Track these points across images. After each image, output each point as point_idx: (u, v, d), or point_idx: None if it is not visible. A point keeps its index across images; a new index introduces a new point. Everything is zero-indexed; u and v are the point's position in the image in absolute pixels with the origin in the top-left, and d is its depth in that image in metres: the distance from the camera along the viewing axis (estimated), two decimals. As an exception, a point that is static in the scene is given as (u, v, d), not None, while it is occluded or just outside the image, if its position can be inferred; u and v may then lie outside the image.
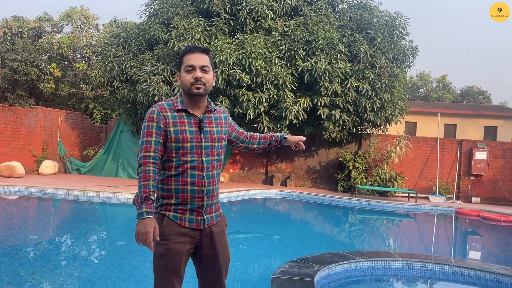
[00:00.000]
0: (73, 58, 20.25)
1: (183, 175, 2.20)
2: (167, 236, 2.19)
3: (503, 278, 4.83)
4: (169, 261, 2.19)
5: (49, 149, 14.67)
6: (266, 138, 2.72)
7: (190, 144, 2.21)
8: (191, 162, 2.20)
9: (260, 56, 11.53)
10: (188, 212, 2.22)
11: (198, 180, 2.21)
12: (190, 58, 2.25)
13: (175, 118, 2.22)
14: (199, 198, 2.22)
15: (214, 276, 2.32)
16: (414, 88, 32.31)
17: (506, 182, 14.37)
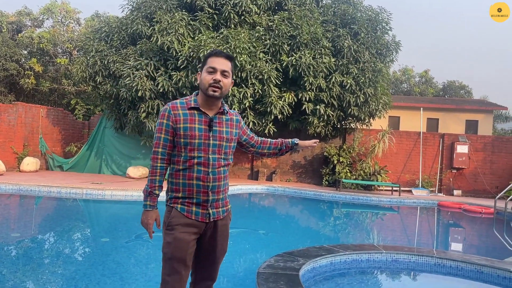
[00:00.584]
0: (54, 53, 19.88)
1: (189, 170, 2.34)
2: (174, 226, 2.34)
3: (484, 268, 4.94)
4: (175, 249, 2.32)
5: (30, 145, 14.41)
6: (277, 144, 2.84)
7: (198, 141, 2.33)
8: (198, 158, 2.33)
9: (244, 51, 11.49)
10: (194, 206, 2.36)
11: (204, 176, 2.34)
12: (214, 61, 2.38)
13: (186, 116, 2.36)
14: (204, 193, 2.35)
15: (209, 264, 2.47)
16: (397, 83, 32.63)
17: (486, 175, 14.66)
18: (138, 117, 12.37)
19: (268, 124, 12.49)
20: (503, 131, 29.09)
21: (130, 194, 10.12)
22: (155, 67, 11.98)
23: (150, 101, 11.97)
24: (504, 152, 14.72)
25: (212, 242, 2.44)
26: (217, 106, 2.44)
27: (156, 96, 12.04)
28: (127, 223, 8.18)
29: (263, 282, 3.82)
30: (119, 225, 7.89)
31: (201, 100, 2.41)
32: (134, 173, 13.41)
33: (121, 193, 10.08)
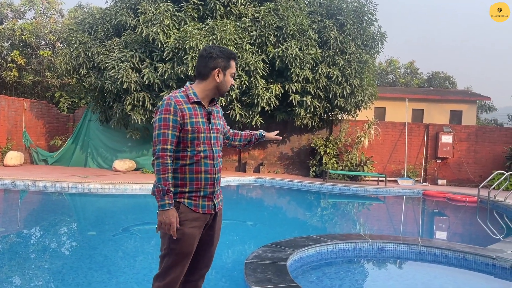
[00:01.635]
0: (37, 45, 19.49)
1: (197, 164, 2.36)
2: (182, 221, 2.34)
3: (467, 256, 5.04)
4: (184, 245, 2.35)
5: (13, 139, 14.18)
6: (247, 136, 2.92)
7: (203, 135, 2.37)
8: (204, 151, 2.37)
9: (230, 42, 11.43)
10: (201, 199, 2.39)
11: (210, 169, 2.39)
12: (234, 65, 2.50)
13: (191, 110, 2.36)
14: (211, 185, 2.41)
15: (207, 253, 2.53)
16: (383, 74, 32.85)
17: (470, 164, 14.90)
18: (123, 109, 12.25)
19: (255, 116, 12.49)
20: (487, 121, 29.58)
21: (117, 187, 10.05)
22: (140, 59, 11.85)
23: (135, 94, 11.85)
24: (487, 142, 14.97)
25: (211, 231, 2.50)
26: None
27: (141, 88, 11.93)
28: (114, 216, 8.14)
29: (251, 273, 3.85)
30: (105, 218, 7.84)
31: (202, 94, 2.44)
32: (121, 166, 13.31)
33: (108, 186, 10.01)
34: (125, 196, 10.02)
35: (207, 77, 2.45)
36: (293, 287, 3.56)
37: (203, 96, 2.44)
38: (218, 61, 2.45)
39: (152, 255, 5.12)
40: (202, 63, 2.46)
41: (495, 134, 15.08)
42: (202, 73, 2.45)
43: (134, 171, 13.53)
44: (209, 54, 2.45)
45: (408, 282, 4.73)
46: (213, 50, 2.46)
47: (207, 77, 2.45)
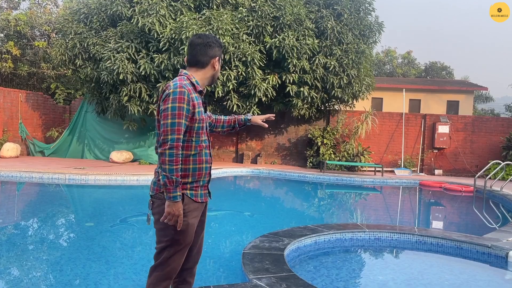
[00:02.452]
0: (32, 35, 19.33)
1: (200, 154, 2.35)
2: (187, 212, 2.33)
3: (463, 245, 5.08)
4: (188, 235, 2.36)
5: (10, 131, 14.12)
6: (230, 121, 2.85)
7: (205, 124, 2.39)
8: (205, 141, 2.39)
9: (227, 32, 11.37)
10: (200, 188, 2.40)
11: (209, 158, 2.42)
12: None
13: (198, 100, 2.35)
14: (209, 174, 2.44)
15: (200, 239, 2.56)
16: (380, 64, 32.78)
17: (466, 154, 14.96)
18: (120, 100, 12.20)
19: (252, 107, 12.46)
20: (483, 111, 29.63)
21: (114, 179, 10.05)
22: (136, 49, 11.77)
23: (132, 85, 11.80)
24: (484, 132, 15.02)
25: (203, 217, 2.53)
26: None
27: (138, 79, 11.87)
28: (111, 207, 8.14)
29: (249, 262, 3.87)
30: (103, 209, 7.85)
31: (201, 82, 2.45)
32: (118, 157, 13.29)
33: (105, 177, 10.00)
34: (122, 187, 10.02)
35: (206, 65, 2.42)
36: (291, 276, 3.58)
37: (202, 84, 2.44)
38: (216, 50, 2.44)
39: (150, 245, 5.13)
40: (201, 51, 2.40)
41: (492, 124, 15.12)
42: (201, 62, 2.40)
43: (131, 163, 13.52)
44: (208, 42, 2.42)
45: (404, 271, 4.76)
46: (210, 38, 2.45)
47: (206, 65, 2.42)
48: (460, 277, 4.58)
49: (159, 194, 2.31)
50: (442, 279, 4.41)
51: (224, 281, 4.10)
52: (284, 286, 3.35)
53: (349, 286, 4.21)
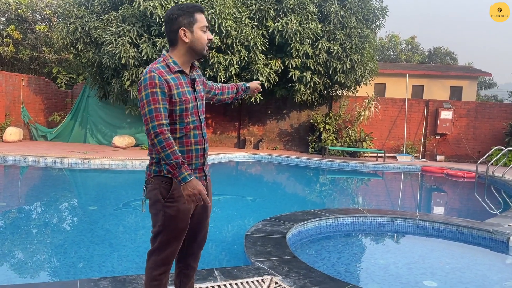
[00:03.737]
0: (33, 19, 19.20)
1: (187, 136, 2.24)
2: (176, 198, 2.21)
3: (464, 229, 5.10)
4: (179, 221, 2.24)
5: (12, 115, 14.13)
6: (233, 88, 2.76)
7: (191, 105, 2.24)
8: (193, 122, 2.25)
9: (229, 16, 11.26)
10: (192, 172, 2.22)
11: (200, 139, 2.28)
12: (203, 18, 2.25)
13: (175, 81, 2.19)
14: (201, 156, 2.30)
15: (203, 225, 2.44)
16: (383, 49, 32.50)
17: (469, 140, 14.93)
18: (122, 85, 12.16)
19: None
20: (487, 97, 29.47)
21: (117, 163, 10.08)
22: (138, 33, 11.69)
23: (134, 69, 11.74)
24: (487, 118, 14.95)
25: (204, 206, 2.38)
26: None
27: (140, 63, 11.81)
28: (114, 191, 8.19)
29: (251, 246, 3.90)
30: (106, 193, 7.89)
31: (183, 60, 2.26)
32: (120, 142, 13.31)
33: (107, 162, 10.03)
34: (125, 172, 10.06)
35: (176, 42, 2.25)
36: (293, 259, 3.61)
37: (182, 62, 2.25)
38: (180, 20, 2.23)
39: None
40: (167, 29, 2.28)
41: (495, 110, 15.04)
42: (171, 39, 2.27)
43: (134, 147, 13.54)
44: (169, 16, 2.25)
45: (405, 255, 4.80)
46: (172, 11, 2.26)
47: (176, 41, 2.25)
48: (461, 261, 4.61)
49: (150, 179, 2.25)
50: (443, 263, 4.44)
51: (227, 264, 4.13)
52: (286, 269, 3.38)
53: (351, 269, 4.25)
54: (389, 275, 4.05)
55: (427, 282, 3.81)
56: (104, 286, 2.92)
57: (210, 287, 3.03)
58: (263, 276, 3.23)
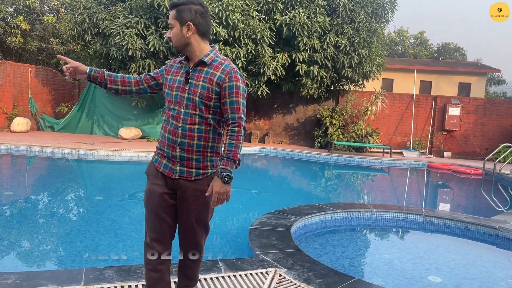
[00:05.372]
0: (41, 10, 19.25)
1: (167, 122, 2.29)
2: (148, 176, 2.37)
3: (470, 226, 5.07)
4: (148, 200, 2.34)
5: (20, 105, 14.21)
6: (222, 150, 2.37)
7: (175, 93, 2.27)
8: (173, 110, 2.27)
9: (237, 9, 11.21)
10: (165, 159, 2.30)
11: (174, 130, 2.24)
12: (170, 15, 2.28)
13: (175, 68, 2.34)
14: (173, 148, 2.25)
15: (187, 225, 2.35)
16: (391, 44, 32.25)
17: (477, 137, 14.81)
18: (129, 77, 12.16)
19: (261, 86, 12.39)
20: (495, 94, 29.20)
21: (123, 155, 10.12)
22: (146, 25, 11.68)
23: (141, 61, 11.75)
24: (495, 115, 14.82)
25: (186, 205, 2.28)
26: (196, 56, 2.25)
27: (147, 55, 11.81)
28: (120, 182, 8.23)
29: (256, 238, 3.90)
30: (112, 184, 7.93)
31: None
32: (126, 134, 13.35)
33: (114, 153, 10.07)
34: (131, 163, 10.10)
35: None
36: (297, 252, 3.61)
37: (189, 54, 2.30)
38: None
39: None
40: None
41: (504, 107, 14.90)
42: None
43: (140, 139, 13.59)
44: None
45: (410, 251, 4.78)
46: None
47: None
48: (466, 258, 4.59)
49: None
50: (448, 259, 4.42)
51: (231, 256, 4.14)
52: (291, 262, 3.38)
53: (355, 263, 4.24)
54: (394, 269, 4.04)
55: (432, 277, 3.80)
56: (109, 275, 2.94)
57: (215, 278, 3.04)
58: (267, 268, 3.23)
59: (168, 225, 2.33)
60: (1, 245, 4.13)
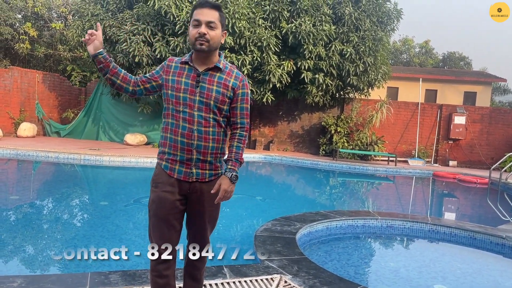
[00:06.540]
0: (49, 17, 19.44)
1: (176, 125, 2.25)
2: (157, 184, 2.28)
3: (477, 235, 5.04)
4: (158, 208, 2.28)
5: (26, 111, 14.31)
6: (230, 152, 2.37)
7: (183, 95, 2.24)
8: (183, 113, 2.24)
9: (243, 16, 11.28)
10: (178, 163, 2.26)
11: (188, 133, 2.22)
12: (199, 13, 2.23)
13: (177, 69, 2.30)
14: (188, 151, 2.24)
15: (199, 229, 2.38)
16: (397, 53, 32.27)
17: (482, 146, 14.74)
18: (135, 83, 12.24)
19: (267, 93, 12.41)
20: (501, 104, 29.09)
21: (128, 160, 10.15)
22: (152, 32, 11.76)
23: (147, 67, 11.82)
24: (501, 124, 14.76)
25: (200, 207, 2.31)
26: (211, 61, 2.28)
27: (153, 62, 11.88)
28: (125, 188, 8.25)
29: (261, 245, 3.89)
30: (117, 189, 7.95)
31: (194, 56, 2.30)
32: (132, 140, 13.40)
33: (119, 159, 10.10)
34: (136, 169, 10.13)
35: None
36: (302, 259, 3.60)
37: (194, 58, 2.29)
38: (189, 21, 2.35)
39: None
40: None
41: (509, 116, 14.84)
42: None
43: (145, 145, 13.63)
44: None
45: (416, 259, 4.75)
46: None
47: None
48: (472, 267, 4.55)
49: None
50: (454, 268, 4.39)
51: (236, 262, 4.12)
52: (296, 269, 3.37)
53: (360, 271, 4.22)
54: (400, 278, 4.01)
55: (438, 286, 3.77)
56: (114, 279, 2.94)
57: (220, 283, 3.03)
58: (272, 275, 3.22)
59: (175, 231, 2.33)
60: (7, 248, 4.15)
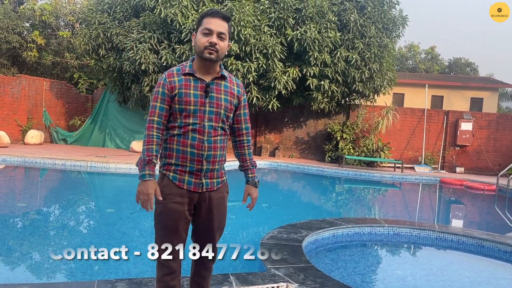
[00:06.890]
0: (56, 25, 19.66)
1: (184, 136, 2.23)
2: (166, 195, 2.24)
3: (485, 243, 4.99)
4: (167, 219, 2.27)
5: (34, 118, 14.43)
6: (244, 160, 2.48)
7: (194, 108, 2.22)
8: (193, 125, 2.22)
9: (249, 24, 11.33)
10: (187, 174, 2.25)
11: (198, 144, 2.22)
12: (210, 22, 2.24)
13: (182, 82, 2.25)
14: (198, 162, 2.24)
15: (207, 237, 2.38)
16: (402, 59, 32.24)
17: (490, 152, 14.64)
18: (141, 90, 12.32)
19: (272, 100, 12.43)
20: (508, 109, 28.91)
21: (135, 168, 10.16)
22: (159, 40, 11.85)
23: (153, 75, 11.89)
24: (508, 130, 14.66)
25: (208, 215, 2.32)
26: (215, 70, 2.30)
27: (159, 69, 11.95)
28: (131, 195, 8.24)
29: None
30: (123, 197, 7.97)
31: (197, 65, 2.29)
32: (138, 147, 13.44)
33: (125, 166, 10.14)
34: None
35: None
36: (308, 267, 3.58)
37: (198, 67, 2.28)
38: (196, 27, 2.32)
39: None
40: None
41: (517, 122, 14.74)
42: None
43: (151, 152, 13.67)
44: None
45: (423, 267, 4.71)
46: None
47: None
48: (480, 275, 4.50)
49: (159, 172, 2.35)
50: (462, 276, 4.34)
51: (242, 270, 4.12)
52: (302, 277, 3.35)
53: (367, 279, 4.19)
54: (407, 286, 3.98)
55: (446, 295, 3.73)
56: (121, 287, 2.94)
57: (225, 292, 3.02)
58: (279, 283, 3.21)
59: (182, 241, 2.33)
60: (14, 256, 4.17)
